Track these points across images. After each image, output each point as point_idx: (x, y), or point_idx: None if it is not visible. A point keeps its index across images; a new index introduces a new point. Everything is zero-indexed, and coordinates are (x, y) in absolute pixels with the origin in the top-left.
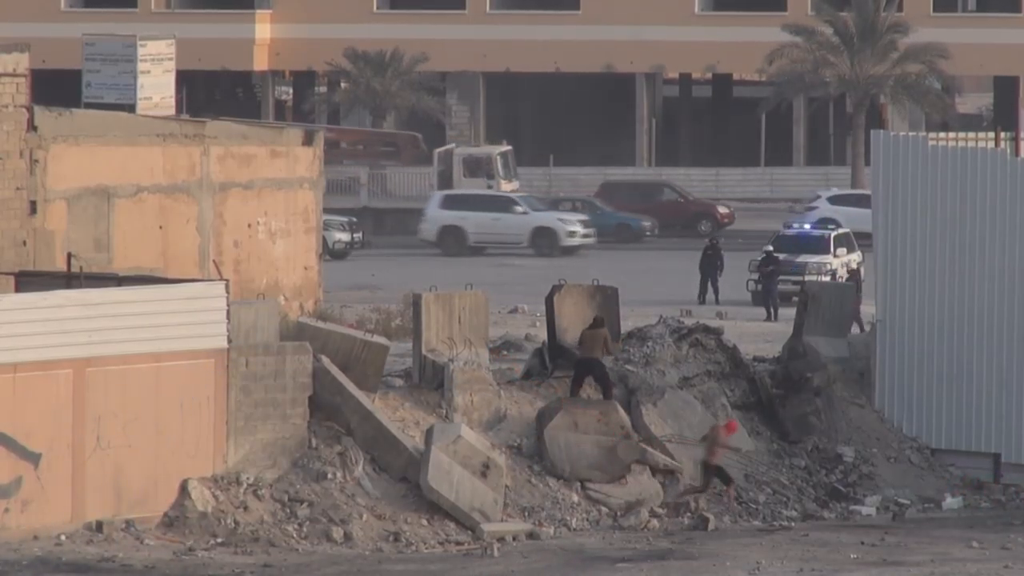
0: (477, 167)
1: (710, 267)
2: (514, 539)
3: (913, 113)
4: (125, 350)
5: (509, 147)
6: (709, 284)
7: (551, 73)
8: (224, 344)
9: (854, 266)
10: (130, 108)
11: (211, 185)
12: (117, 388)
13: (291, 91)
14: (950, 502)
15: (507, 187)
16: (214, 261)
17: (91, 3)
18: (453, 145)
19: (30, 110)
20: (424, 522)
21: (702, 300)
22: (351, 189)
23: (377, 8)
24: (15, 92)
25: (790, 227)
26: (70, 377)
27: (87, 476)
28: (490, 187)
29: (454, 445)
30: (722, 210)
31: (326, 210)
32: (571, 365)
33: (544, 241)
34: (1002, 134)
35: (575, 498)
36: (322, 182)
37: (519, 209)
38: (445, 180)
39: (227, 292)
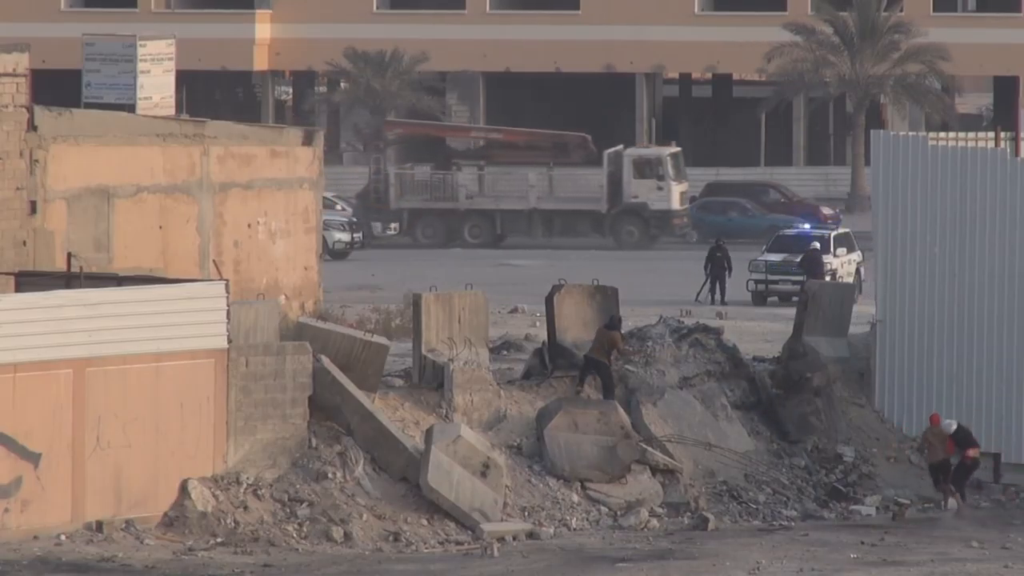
0: (647, 168)
1: (718, 268)
2: (514, 539)
3: (913, 113)
4: (125, 350)
5: (679, 148)
6: (716, 285)
7: (551, 73)
8: (224, 344)
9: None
10: (130, 108)
11: (211, 185)
12: (117, 388)
13: (291, 91)
14: (950, 502)
15: (677, 188)
16: (214, 261)
17: (91, 3)
18: (622, 146)
19: (30, 110)
20: (424, 522)
21: (712, 299)
22: (520, 191)
23: (377, 8)
24: (15, 92)
25: (790, 227)
26: (70, 377)
27: (87, 476)
28: (660, 188)
29: (454, 445)
30: (826, 211)
31: (499, 212)
32: (571, 365)
33: None
34: (1002, 134)
35: (575, 498)
36: (322, 182)
37: None
38: (615, 181)
39: (227, 292)
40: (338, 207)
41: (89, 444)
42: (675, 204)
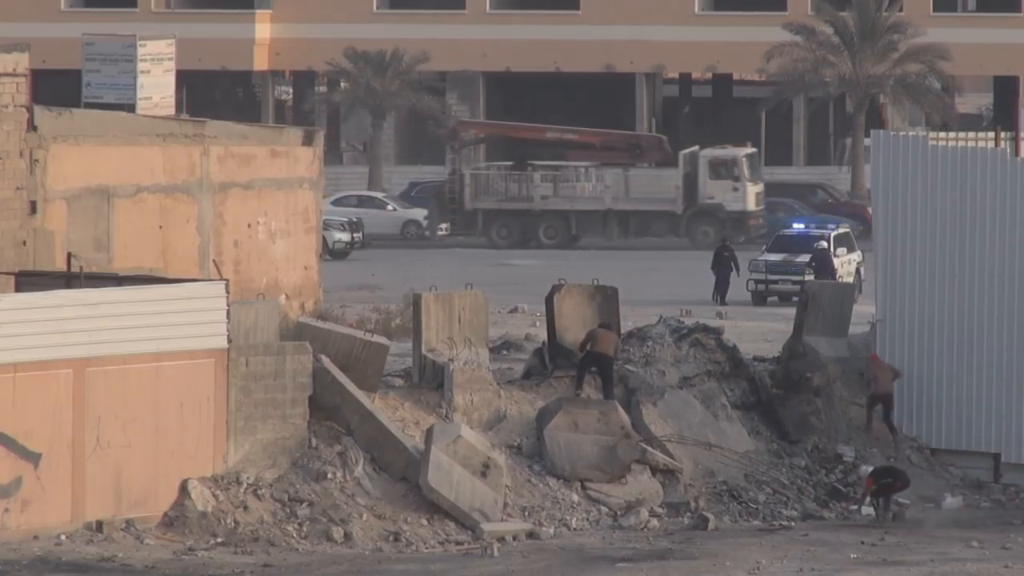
0: (723, 169)
1: (725, 267)
2: (514, 539)
3: (913, 113)
4: (125, 350)
5: (754, 149)
6: (720, 285)
7: (551, 73)
8: (224, 344)
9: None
10: (130, 108)
11: (211, 185)
12: (117, 388)
13: (291, 91)
14: (950, 502)
15: (753, 189)
16: (214, 261)
17: (91, 3)
18: (698, 147)
19: (30, 110)
20: (424, 522)
21: (720, 300)
22: (595, 191)
23: (377, 8)
24: (15, 92)
25: (790, 227)
26: (70, 377)
27: (87, 476)
28: (736, 189)
29: (454, 445)
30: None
31: (574, 213)
32: (571, 365)
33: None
34: (1002, 134)
35: (575, 498)
36: (322, 182)
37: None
38: (690, 182)
39: (227, 292)
40: (389, 207)
41: (89, 444)
42: (751, 205)
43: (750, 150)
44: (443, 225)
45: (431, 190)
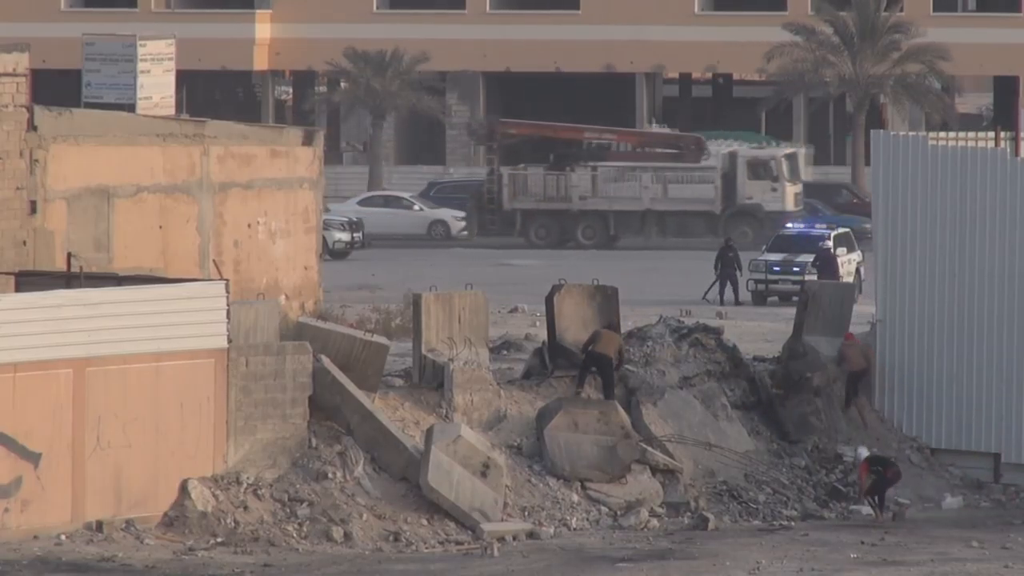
0: (761, 169)
1: (728, 267)
2: (514, 539)
3: (913, 113)
4: (125, 350)
5: (794, 149)
6: (727, 285)
7: (551, 73)
8: (224, 344)
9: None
10: (130, 108)
11: (211, 185)
12: (117, 388)
13: (291, 91)
14: (950, 502)
15: (792, 189)
16: (214, 261)
17: (91, 3)
18: (735, 147)
19: (30, 110)
20: (424, 522)
21: (722, 299)
22: (633, 192)
23: (377, 8)
24: (15, 92)
25: (790, 227)
26: (70, 377)
27: (87, 476)
28: (774, 189)
29: (454, 445)
30: None
31: (612, 213)
32: (571, 365)
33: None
34: (1002, 134)
35: (575, 498)
36: (322, 182)
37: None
38: (729, 182)
39: (227, 292)
40: (416, 208)
41: (89, 444)
42: (789, 205)
43: (790, 150)
44: (463, 225)
45: (448, 189)
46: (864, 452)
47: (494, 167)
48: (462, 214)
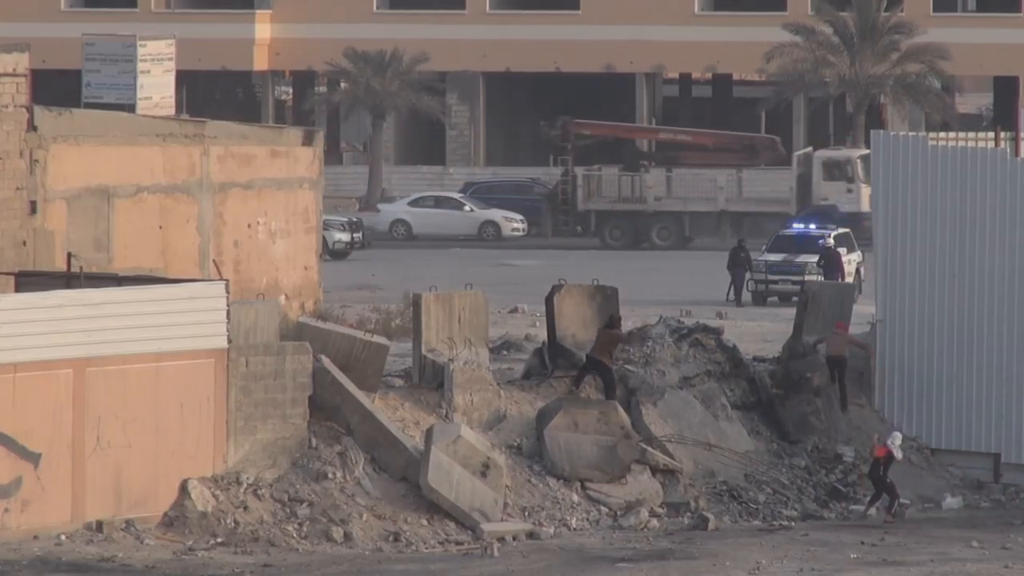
0: (837, 170)
1: (740, 267)
2: (514, 539)
3: (913, 113)
4: (125, 350)
5: (869, 151)
6: (737, 285)
7: (551, 73)
8: (224, 344)
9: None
10: (130, 108)
11: (211, 185)
12: (117, 388)
13: (291, 91)
14: (950, 502)
15: (867, 190)
16: (214, 261)
17: (91, 3)
18: (811, 148)
19: (30, 110)
20: (424, 522)
21: (737, 301)
22: (708, 192)
23: (377, 8)
24: (15, 92)
25: (790, 227)
26: (70, 377)
27: (87, 476)
28: (850, 191)
29: (454, 445)
30: None
31: (687, 214)
32: (571, 365)
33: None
34: (1002, 134)
35: (575, 498)
36: (322, 182)
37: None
38: (804, 183)
39: (227, 292)
40: (466, 208)
41: (89, 444)
42: (865, 206)
43: (864, 151)
44: (520, 227)
45: (483, 189)
46: (899, 437)
47: (568, 168)
48: (513, 214)
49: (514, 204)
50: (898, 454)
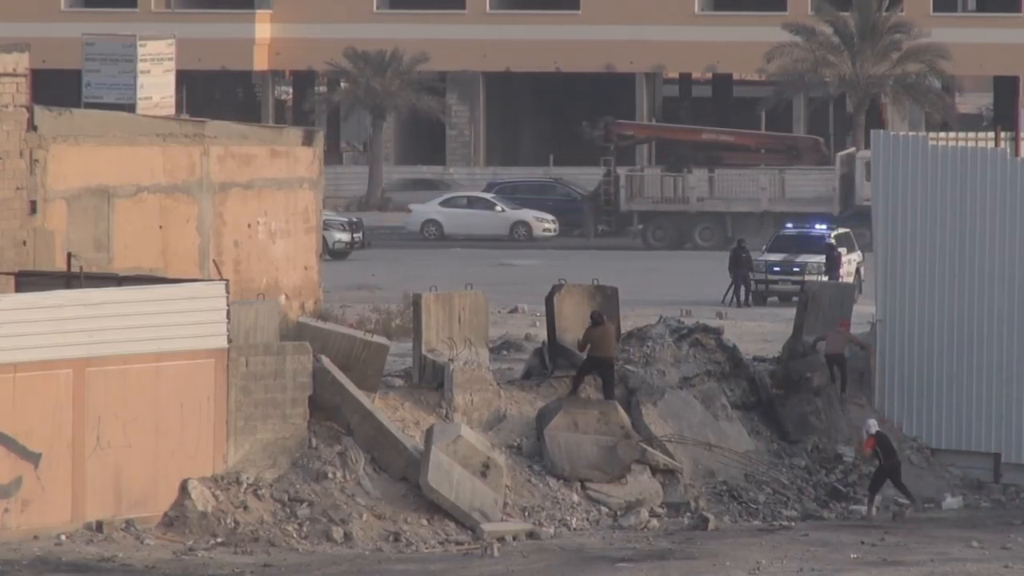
0: None
1: (741, 268)
2: (514, 539)
3: (913, 113)
4: (125, 350)
5: None
6: (741, 287)
7: (551, 73)
8: (224, 344)
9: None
10: (130, 108)
11: (211, 185)
12: (117, 388)
13: (291, 91)
14: (950, 502)
15: None
16: (214, 261)
17: (91, 3)
18: (854, 149)
19: (30, 110)
20: (424, 522)
21: (736, 303)
22: (751, 193)
23: (377, 8)
24: (15, 92)
25: (789, 227)
26: (70, 377)
27: (87, 476)
28: None
29: (454, 445)
30: None
31: (730, 215)
32: (571, 365)
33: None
34: (1002, 134)
35: (575, 498)
36: (322, 182)
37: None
38: (847, 183)
39: (227, 292)
40: (497, 208)
41: (89, 444)
42: None
43: None
44: (551, 227)
45: (507, 189)
46: (874, 425)
47: (611, 168)
48: (545, 215)
49: (539, 205)
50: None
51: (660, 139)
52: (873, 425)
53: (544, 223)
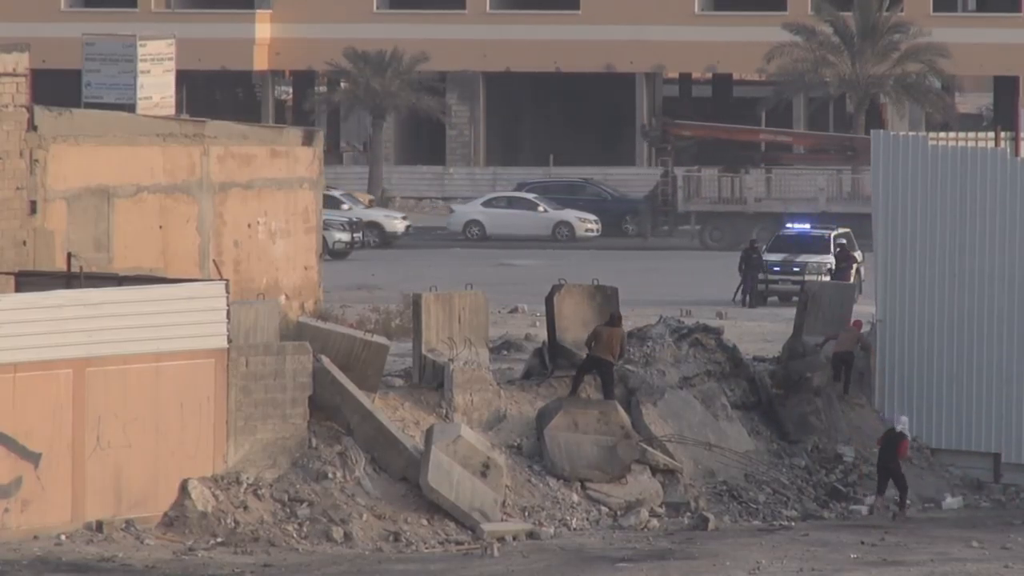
0: None
1: (752, 268)
2: (514, 539)
3: (913, 113)
4: (125, 350)
5: None
6: (751, 286)
7: (551, 73)
8: (224, 344)
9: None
10: (130, 108)
11: (211, 185)
12: (117, 388)
13: (291, 91)
14: (950, 502)
15: None
16: (214, 261)
17: (91, 3)
18: None
19: (30, 110)
20: (424, 522)
21: (744, 302)
22: (809, 193)
23: (377, 8)
24: (15, 92)
25: (790, 227)
26: (70, 377)
27: (87, 476)
28: None
29: (454, 445)
30: None
31: (788, 215)
32: (571, 365)
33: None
34: (1002, 134)
35: (575, 498)
36: (322, 182)
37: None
38: None
39: (227, 292)
40: (540, 208)
41: (89, 444)
42: None
43: None
44: (594, 227)
45: (538, 189)
46: (905, 422)
47: (668, 169)
48: (587, 215)
49: (569, 205)
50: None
51: (717, 139)
52: (904, 421)
53: (587, 223)
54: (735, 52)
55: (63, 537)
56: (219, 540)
